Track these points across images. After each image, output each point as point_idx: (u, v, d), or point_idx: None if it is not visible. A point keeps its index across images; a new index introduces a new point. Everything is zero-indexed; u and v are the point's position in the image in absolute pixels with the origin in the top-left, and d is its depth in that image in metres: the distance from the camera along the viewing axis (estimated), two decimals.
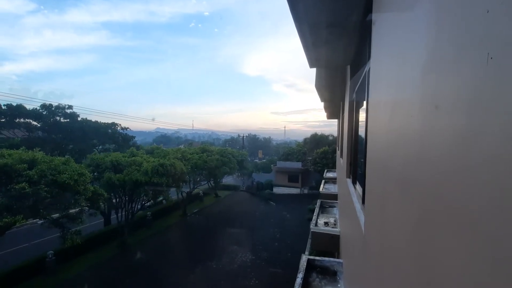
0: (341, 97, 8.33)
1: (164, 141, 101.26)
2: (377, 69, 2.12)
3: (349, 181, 5.19)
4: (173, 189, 17.89)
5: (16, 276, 11.51)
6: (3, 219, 7.61)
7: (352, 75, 5.23)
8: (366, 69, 3.02)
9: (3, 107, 17.32)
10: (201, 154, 23.14)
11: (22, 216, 7.83)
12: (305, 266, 5.36)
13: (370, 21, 2.37)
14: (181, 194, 20.99)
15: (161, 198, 16.43)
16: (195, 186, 24.24)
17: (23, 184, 7.79)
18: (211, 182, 26.97)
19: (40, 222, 11.38)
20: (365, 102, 3.18)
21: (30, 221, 12.26)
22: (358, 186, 4.11)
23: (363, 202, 3.11)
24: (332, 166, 24.09)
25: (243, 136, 51.95)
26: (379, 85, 2.02)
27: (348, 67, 5.40)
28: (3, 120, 17.47)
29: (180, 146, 55.61)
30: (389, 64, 1.57)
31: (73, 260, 13.88)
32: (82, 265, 13.78)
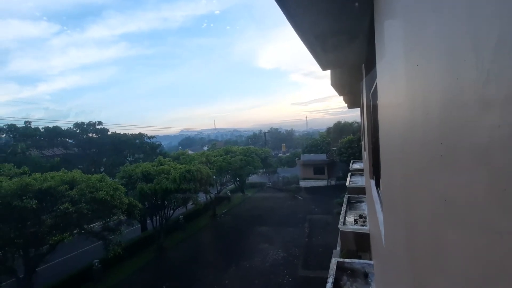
0: (360, 90, 8.10)
1: (188, 143, 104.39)
2: (383, 74, 2.08)
3: (373, 182, 5.07)
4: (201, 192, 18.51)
5: (69, 284, 12.63)
6: (53, 238, 8.51)
7: (367, 73, 5.07)
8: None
9: (41, 130, 19.02)
10: (225, 156, 23.58)
11: (68, 233, 8.64)
12: (334, 270, 5.34)
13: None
14: (210, 196, 21.64)
15: (191, 203, 17.07)
16: (222, 188, 24.80)
17: (66, 204, 8.61)
18: (237, 182, 27.44)
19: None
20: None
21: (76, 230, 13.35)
22: (381, 191, 4.02)
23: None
24: (358, 156, 23.33)
25: (265, 132, 52.04)
26: (385, 90, 1.99)
27: (363, 65, 5.24)
28: (43, 141, 19.16)
29: (204, 148, 56.98)
30: (393, 69, 1.57)
31: (117, 266, 14.92)
32: (126, 271, 14.78)
